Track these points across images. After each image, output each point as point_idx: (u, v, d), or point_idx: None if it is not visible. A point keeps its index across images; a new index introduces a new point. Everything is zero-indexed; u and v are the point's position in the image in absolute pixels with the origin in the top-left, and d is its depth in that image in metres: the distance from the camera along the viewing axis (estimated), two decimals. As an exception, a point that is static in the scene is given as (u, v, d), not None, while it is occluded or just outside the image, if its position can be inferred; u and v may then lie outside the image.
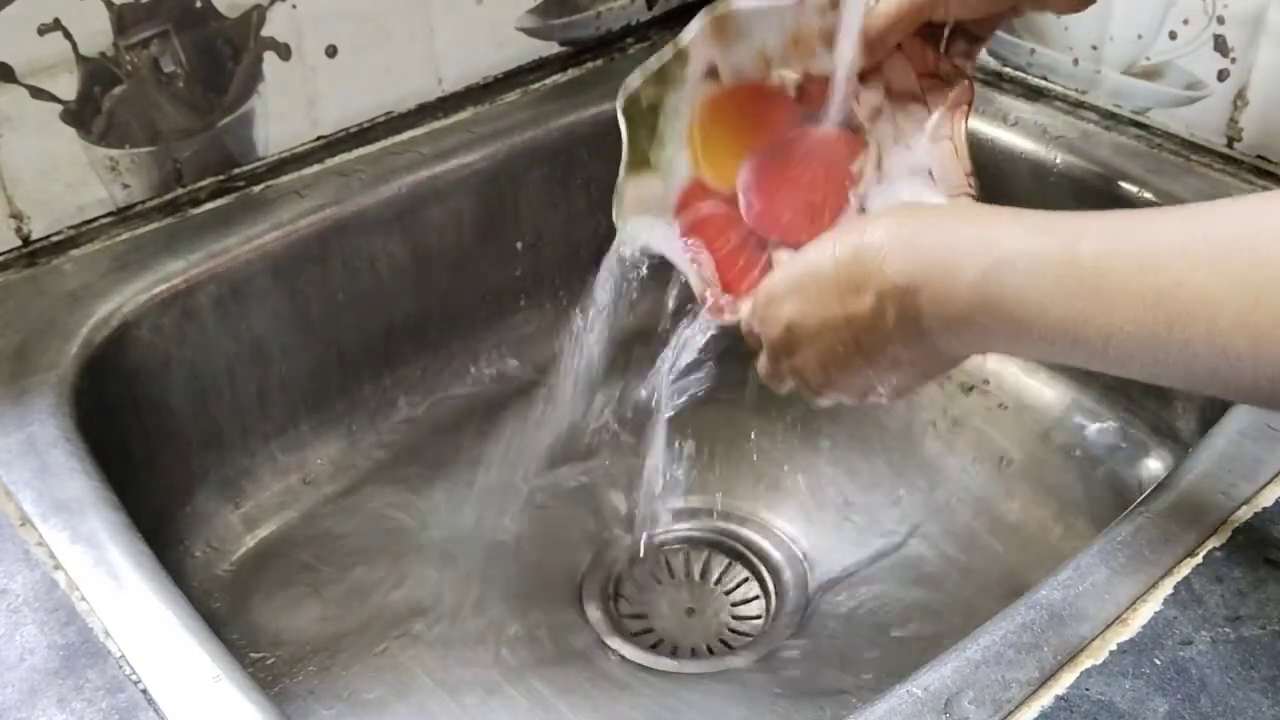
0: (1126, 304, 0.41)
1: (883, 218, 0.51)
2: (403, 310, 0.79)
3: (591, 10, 0.88)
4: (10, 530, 0.52)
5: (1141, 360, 0.42)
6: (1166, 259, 0.41)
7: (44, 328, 0.64)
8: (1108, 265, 0.42)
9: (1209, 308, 0.39)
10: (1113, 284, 0.42)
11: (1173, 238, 0.41)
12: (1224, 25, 0.72)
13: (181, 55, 0.70)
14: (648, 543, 0.76)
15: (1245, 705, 0.43)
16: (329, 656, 0.67)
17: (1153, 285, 0.40)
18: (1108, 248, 0.42)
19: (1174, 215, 0.42)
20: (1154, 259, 0.41)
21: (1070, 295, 0.43)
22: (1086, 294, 0.42)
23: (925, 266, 0.47)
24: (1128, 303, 0.41)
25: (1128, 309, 0.41)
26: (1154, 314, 0.40)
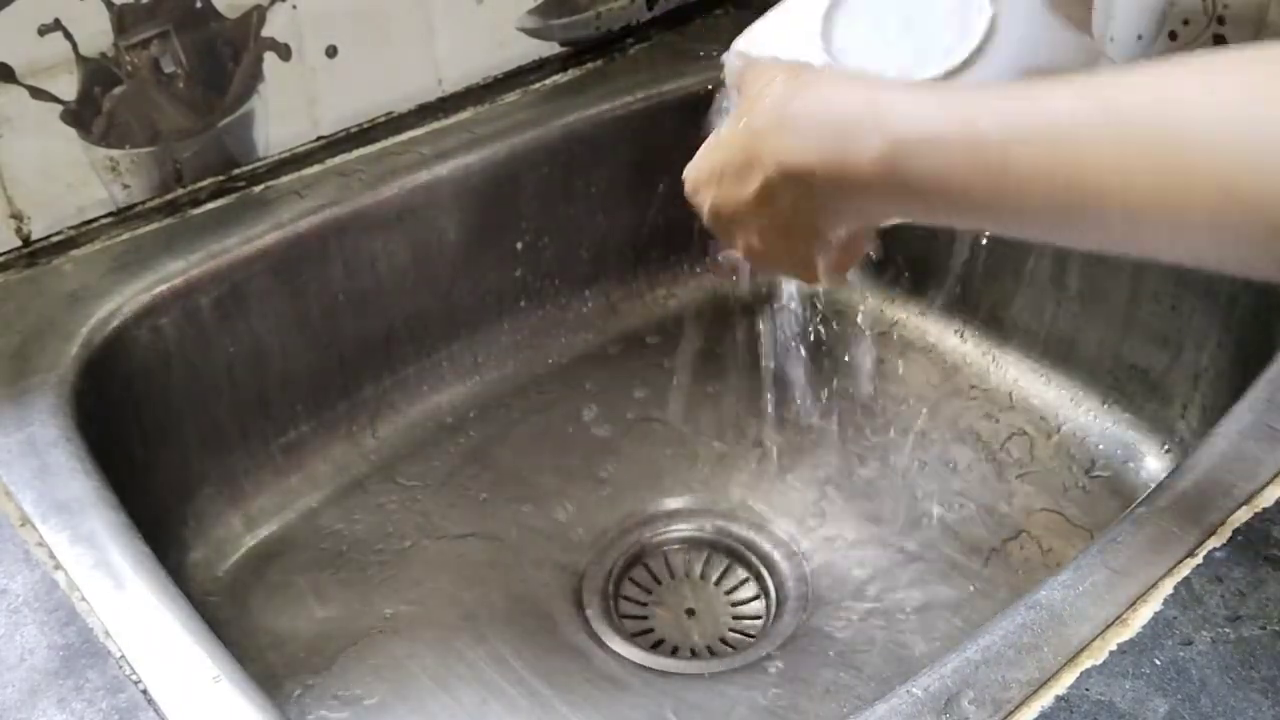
0: (1037, 183, 0.41)
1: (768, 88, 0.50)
2: (403, 310, 0.79)
3: (591, 10, 0.88)
4: (10, 530, 0.52)
5: (1056, 230, 0.42)
6: (1068, 137, 0.40)
7: (44, 328, 0.64)
8: (1014, 145, 0.41)
9: (1121, 184, 0.39)
10: (1021, 164, 0.41)
11: (1069, 112, 0.40)
12: (1224, 25, 0.72)
13: (182, 55, 0.70)
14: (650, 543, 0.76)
15: (1245, 705, 0.43)
16: (329, 656, 0.67)
17: (1060, 165, 0.40)
18: (1009, 126, 0.41)
19: (1069, 89, 0.41)
20: (1056, 138, 0.40)
21: (978, 175, 0.42)
22: (995, 173, 0.42)
23: (819, 148, 0.46)
24: (1038, 181, 0.41)
25: (1038, 187, 0.41)
26: (1066, 192, 0.40)
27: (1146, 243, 0.40)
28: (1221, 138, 0.37)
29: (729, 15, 0.94)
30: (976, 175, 0.42)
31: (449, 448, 0.80)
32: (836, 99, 0.47)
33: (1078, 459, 0.77)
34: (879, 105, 0.45)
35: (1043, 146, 0.40)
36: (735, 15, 0.94)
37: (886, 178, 0.44)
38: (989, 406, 0.81)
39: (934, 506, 0.76)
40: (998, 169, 0.41)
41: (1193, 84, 0.39)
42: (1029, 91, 0.42)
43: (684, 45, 0.90)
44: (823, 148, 0.46)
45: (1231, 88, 0.37)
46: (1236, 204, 0.36)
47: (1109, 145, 0.39)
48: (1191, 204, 0.37)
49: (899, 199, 0.45)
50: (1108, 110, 0.40)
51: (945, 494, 0.76)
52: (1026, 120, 0.41)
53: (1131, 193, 0.38)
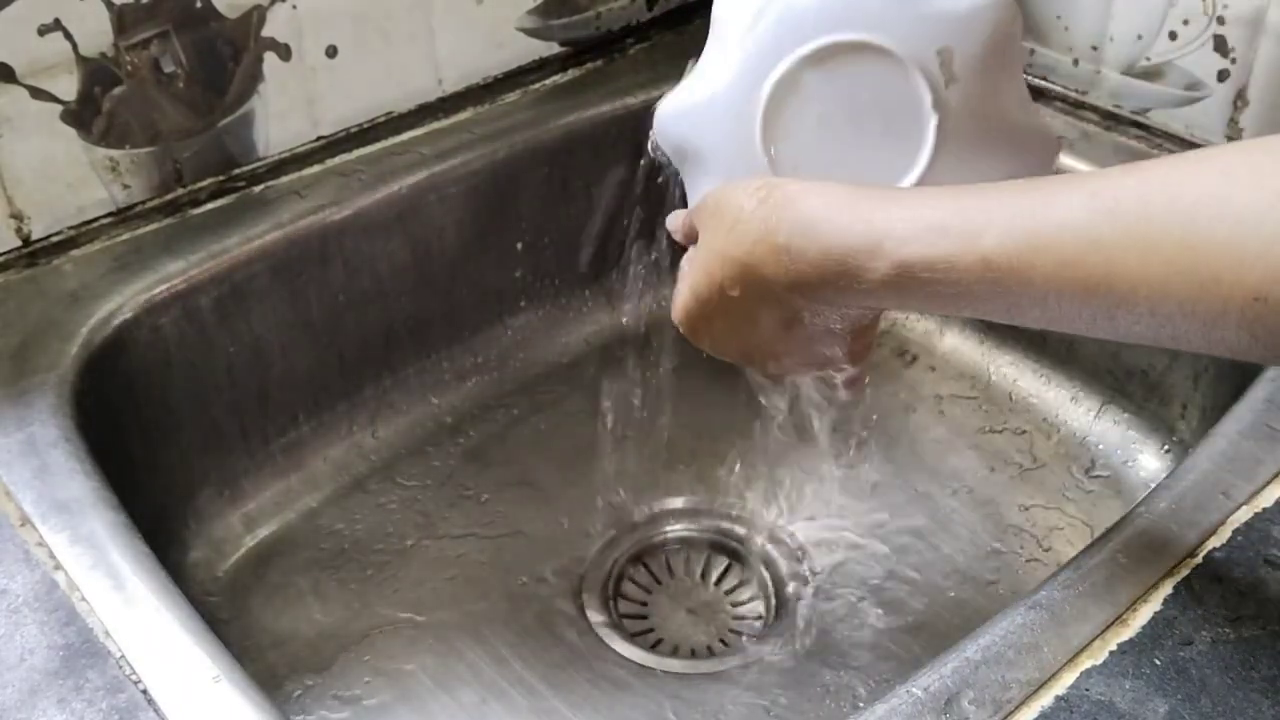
0: (1057, 297, 0.40)
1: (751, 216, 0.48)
2: (403, 310, 0.79)
3: (591, 10, 0.88)
4: (10, 530, 0.52)
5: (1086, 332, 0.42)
6: (1085, 249, 0.39)
7: (44, 328, 0.64)
8: (1025, 262, 0.40)
9: (1150, 296, 0.38)
10: (1037, 281, 0.40)
11: (1083, 220, 0.40)
12: (1224, 25, 0.72)
13: (182, 55, 0.70)
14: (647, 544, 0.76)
15: (1245, 705, 0.43)
16: (329, 656, 0.67)
17: (1080, 279, 0.39)
18: (1019, 244, 0.41)
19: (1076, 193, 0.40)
20: (1072, 251, 0.39)
21: (993, 293, 0.42)
22: (1009, 291, 0.41)
23: (822, 272, 0.45)
24: (1058, 295, 0.40)
25: (1059, 301, 0.40)
26: (1089, 302, 0.40)
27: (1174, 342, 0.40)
28: (1247, 246, 0.36)
29: (729, 15, 0.94)
30: (990, 289, 0.42)
31: (449, 448, 0.80)
32: (826, 223, 0.46)
33: (1078, 459, 0.77)
34: (875, 229, 0.44)
35: (1058, 258, 0.40)
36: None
37: (896, 293, 0.44)
38: (989, 406, 0.81)
39: (934, 506, 0.76)
40: (1014, 283, 0.41)
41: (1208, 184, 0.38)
42: (1034, 197, 0.42)
43: (684, 45, 0.90)
44: (826, 272, 0.45)
45: (1248, 189, 0.37)
46: (1270, 310, 0.36)
47: (1131, 255, 0.38)
48: (1223, 311, 0.37)
49: (911, 306, 0.46)
50: (1122, 215, 0.39)
51: (945, 494, 0.76)
52: (1039, 232, 0.40)
53: (1158, 302, 0.38)
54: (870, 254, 0.44)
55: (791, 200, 0.47)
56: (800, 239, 0.46)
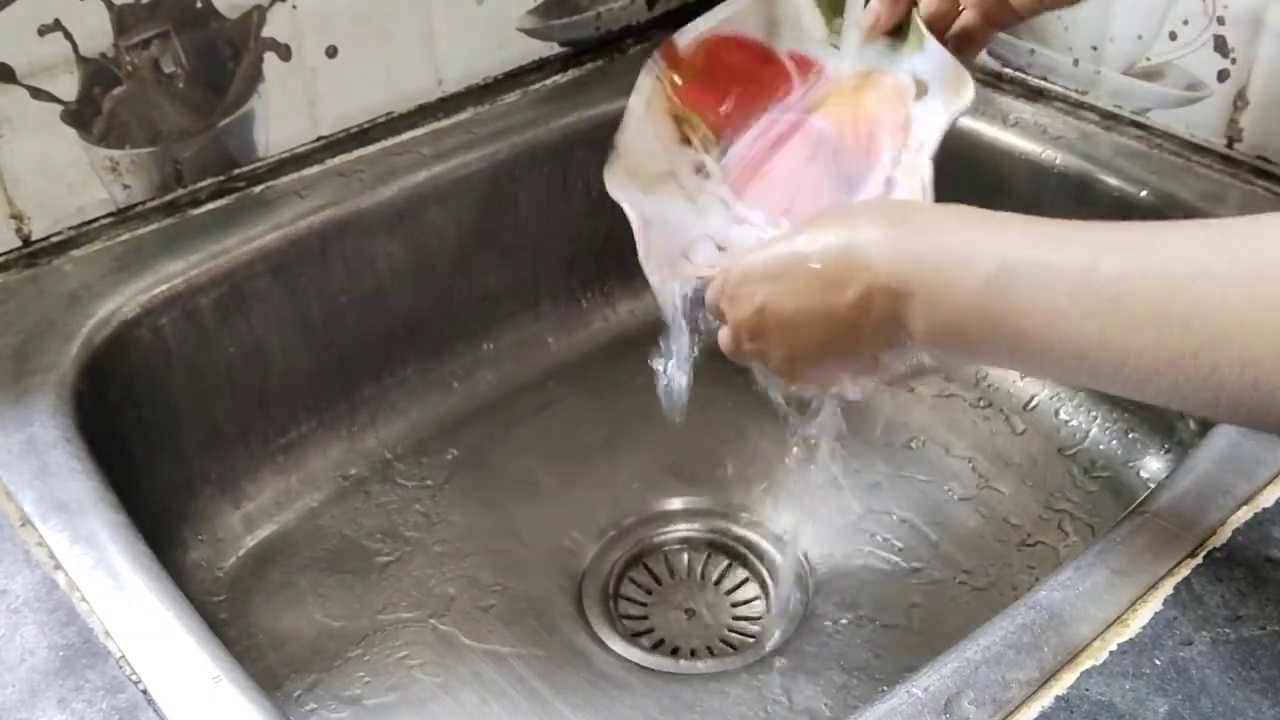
0: (1149, 325, 0.39)
1: (878, 212, 0.49)
2: (403, 311, 0.79)
3: (591, 11, 0.88)
4: (10, 531, 0.52)
5: (1158, 385, 0.40)
6: (1193, 279, 0.38)
7: (44, 328, 0.64)
8: (1130, 283, 0.39)
9: (1243, 334, 0.37)
10: (1135, 304, 0.39)
11: (1197, 255, 0.39)
12: (1224, 25, 0.72)
13: (182, 56, 0.70)
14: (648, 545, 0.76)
15: (1245, 705, 0.43)
16: (329, 656, 0.67)
17: (1180, 306, 0.38)
18: (1129, 264, 0.40)
19: (1193, 232, 0.40)
20: (1180, 278, 0.38)
21: (1085, 312, 0.40)
22: (1104, 312, 0.40)
23: (921, 269, 0.45)
24: (1151, 324, 0.39)
25: (1151, 331, 0.39)
26: (1180, 337, 0.38)
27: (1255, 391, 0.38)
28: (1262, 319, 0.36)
29: (729, 15, 0.94)
30: (1084, 306, 0.40)
31: (449, 448, 0.80)
32: (946, 220, 0.46)
33: (1078, 459, 0.77)
34: (992, 228, 0.44)
35: (1161, 285, 0.39)
36: (735, 15, 0.94)
37: (987, 306, 0.43)
38: (989, 406, 0.81)
39: (934, 506, 0.76)
40: (1110, 301, 0.40)
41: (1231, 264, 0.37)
42: (1154, 229, 0.41)
43: (684, 45, 0.90)
44: (927, 264, 0.45)
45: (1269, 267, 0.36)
46: None
47: (1234, 294, 0.37)
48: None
49: (994, 330, 0.43)
50: (1236, 255, 0.38)
51: (945, 494, 0.76)
52: (1146, 258, 0.40)
53: (1251, 341, 0.37)
54: (979, 247, 0.43)
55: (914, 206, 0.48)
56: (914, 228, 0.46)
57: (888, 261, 0.45)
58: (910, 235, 0.46)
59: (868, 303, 0.46)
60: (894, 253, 0.45)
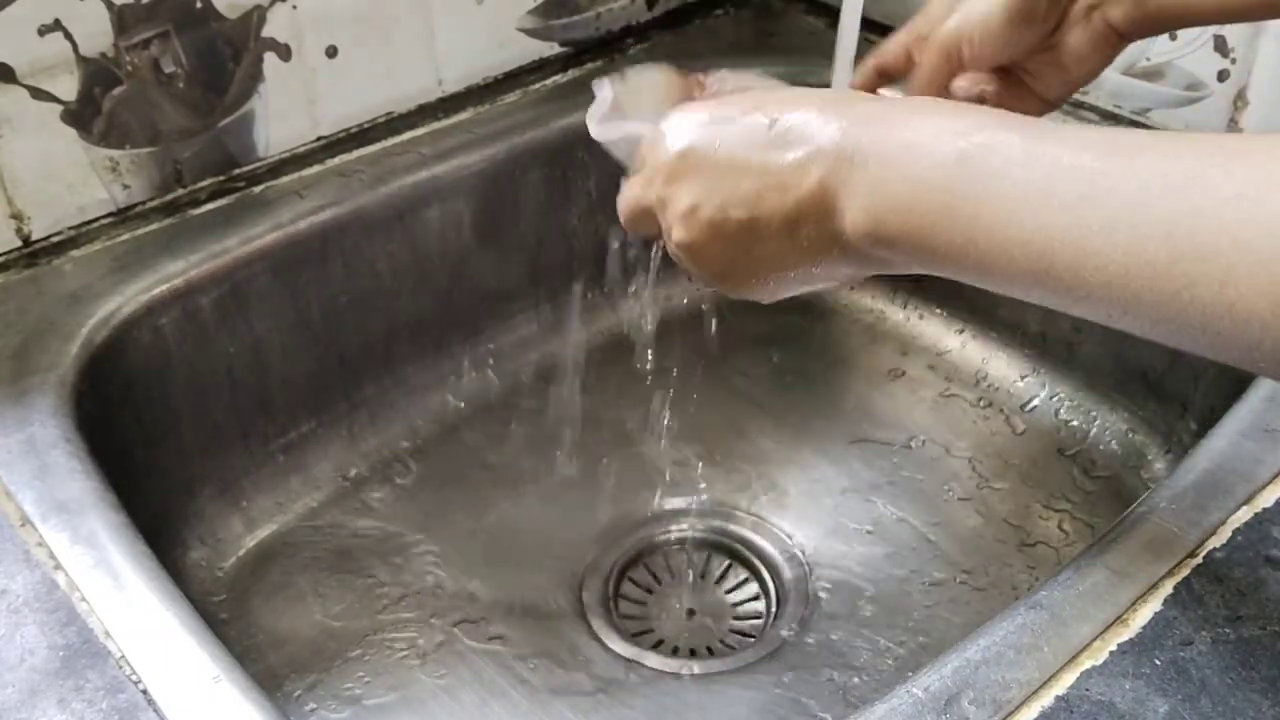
0: (1127, 227, 0.35)
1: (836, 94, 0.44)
2: (403, 311, 0.79)
3: (591, 11, 0.88)
4: (10, 531, 0.52)
5: (1120, 297, 0.36)
6: (1183, 186, 0.34)
7: (44, 328, 0.64)
8: (1114, 178, 0.35)
9: (1231, 252, 0.33)
10: (1116, 201, 0.35)
11: (1190, 163, 0.35)
12: (1224, 26, 0.72)
13: (182, 56, 0.70)
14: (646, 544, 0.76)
15: (1245, 706, 0.43)
16: (329, 656, 0.67)
17: (1165, 211, 0.34)
18: (1116, 160, 0.36)
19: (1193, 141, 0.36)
20: (1171, 182, 0.35)
21: (1059, 203, 0.36)
22: (1080, 206, 0.36)
23: (884, 137, 0.40)
24: (1129, 226, 0.35)
25: (1127, 233, 0.35)
26: (1159, 244, 0.34)
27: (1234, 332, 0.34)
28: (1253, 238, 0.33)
29: (729, 15, 0.94)
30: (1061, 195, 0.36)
31: (449, 448, 0.80)
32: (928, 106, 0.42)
33: (1078, 459, 0.77)
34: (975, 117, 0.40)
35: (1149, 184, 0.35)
36: (735, 15, 0.94)
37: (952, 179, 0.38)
38: (989, 407, 0.81)
39: (933, 506, 0.76)
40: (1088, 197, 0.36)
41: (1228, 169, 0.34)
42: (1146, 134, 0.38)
43: (684, 45, 0.90)
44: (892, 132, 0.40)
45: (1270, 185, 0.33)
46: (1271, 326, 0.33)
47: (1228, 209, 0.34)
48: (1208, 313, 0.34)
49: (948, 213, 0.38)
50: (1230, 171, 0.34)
51: (945, 494, 0.76)
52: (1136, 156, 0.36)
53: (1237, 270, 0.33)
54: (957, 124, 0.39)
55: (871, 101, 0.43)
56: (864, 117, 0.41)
57: (850, 124, 0.41)
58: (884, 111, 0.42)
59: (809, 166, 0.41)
60: (860, 120, 0.41)
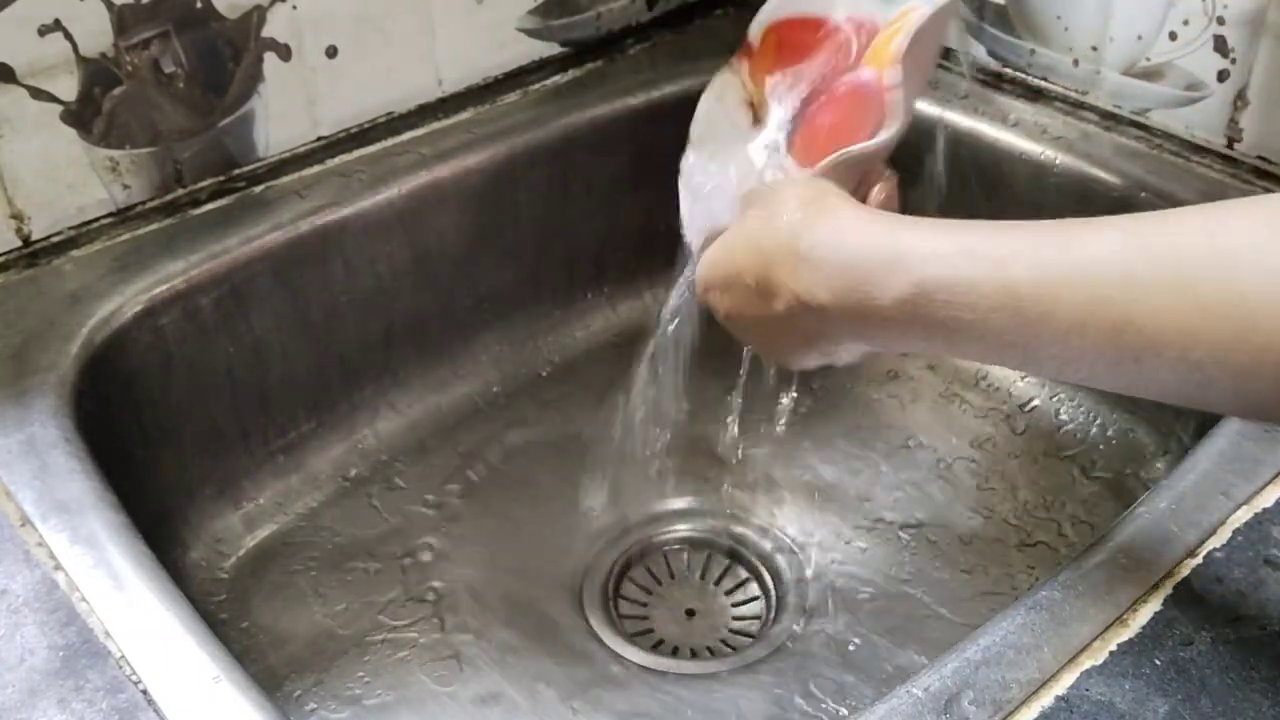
0: (1078, 336, 0.39)
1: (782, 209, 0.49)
2: (403, 311, 0.79)
3: (592, 11, 0.88)
4: (10, 531, 0.52)
5: (1106, 383, 0.40)
6: (1116, 288, 0.37)
7: (44, 328, 0.64)
8: (1052, 295, 0.39)
9: (1180, 340, 0.36)
10: (1061, 317, 0.39)
11: (1116, 260, 0.38)
12: (1224, 26, 0.72)
13: (182, 56, 0.70)
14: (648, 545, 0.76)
15: (1245, 706, 0.43)
16: (329, 657, 0.67)
17: (1108, 318, 0.38)
18: (1045, 276, 0.39)
19: (1112, 233, 0.39)
20: (1102, 287, 0.38)
21: (1013, 326, 0.40)
22: (1031, 325, 0.40)
23: (837, 287, 0.45)
24: (1080, 335, 0.38)
25: (1083, 341, 0.38)
26: (1115, 346, 0.38)
27: (1202, 392, 0.37)
28: None
29: (729, 15, 0.94)
30: (1010, 321, 0.40)
31: (449, 448, 0.80)
32: (853, 235, 0.46)
33: (1078, 459, 0.77)
34: (900, 245, 0.44)
35: (1088, 293, 0.38)
36: (735, 15, 0.94)
37: (909, 318, 0.43)
38: (988, 408, 0.81)
39: (933, 506, 0.76)
40: (1035, 317, 0.39)
41: (1250, 232, 0.36)
42: (1067, 232, 0.40)
43: (684, 45, 0.90)
44: (840, 286, 0.45)
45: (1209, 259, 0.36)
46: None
47: (1164, 295, 0.36)
48: (1258, 362, 0.35)
49: (921, 337, 0.44)
50: (1157, 254, 0.37)
51: (945, 494, 0.76)
52: (1069, 265, 0.39)
53: (1189, 347, 0.36)
54: (890, 269, 0.43)
55: (832, 208, 0.47)
56: (821, 246, 0.46)
57: (804, 283, 0.47)
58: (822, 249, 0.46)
59: (794, 316, 0.48)
60: (808, 273, 0.47)
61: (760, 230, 0.50)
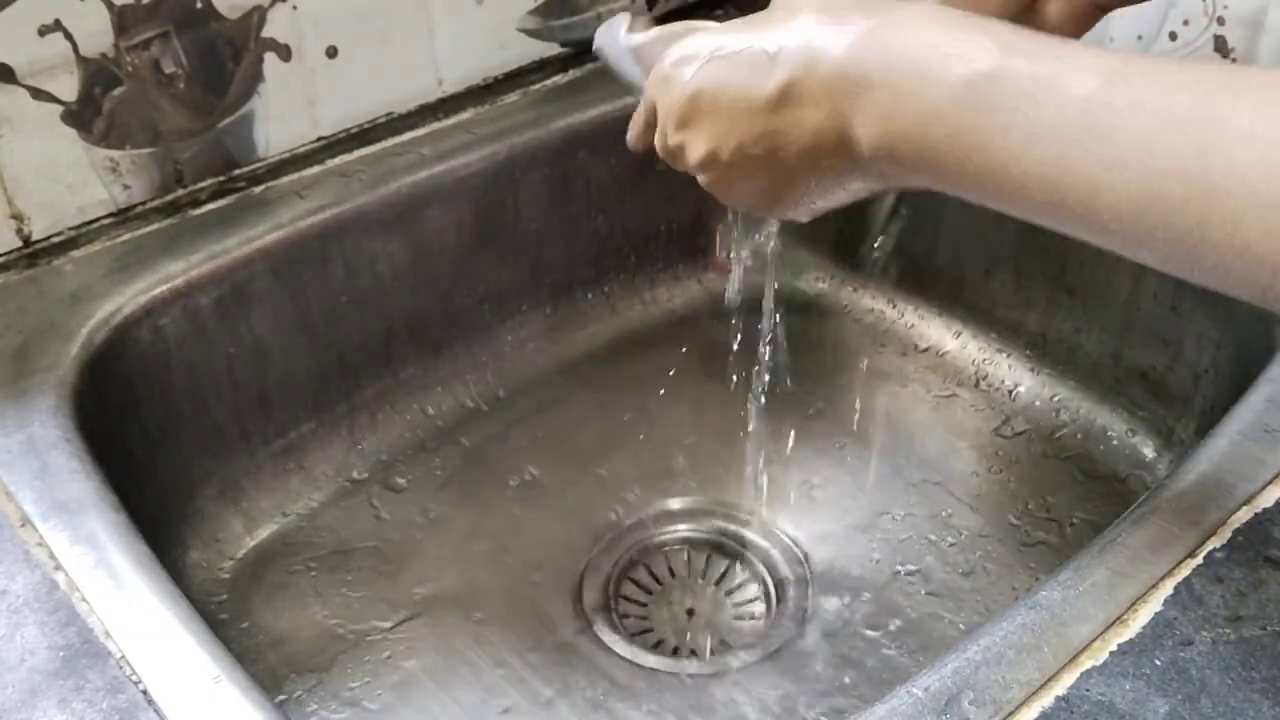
0: (1138, 163, 0.35)
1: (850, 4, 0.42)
2: (403, 311, 0.79)
3: (592, 11, 0.88)
4: (11, 531, 0.52)
5: (1131, 230, 0.36)
6: (1199, 123, 0.34)
7: (44, 328, 0.64)
8: (1127, 112, 0.35)
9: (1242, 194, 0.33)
10: (1128, 136, 0.35)
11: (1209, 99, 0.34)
12: (1224, 26, 0.72)
13: (182, 56, 0.70)
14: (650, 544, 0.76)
15: (1245, 706, 0.43)
16: (329, 657, 0.67)
17: (1181, 148, 0.34)
18: (1130, 91, 0.35)
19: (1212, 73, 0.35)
20: (1183, 118, 0.34)
21: (1069, 136, 0.36)
22: (1091, 139, 0.35)
23: (890, 61, 0.39)
24: (1140, 162, 0.34)
25: (1138, 170, 0.35)
26: (1170, 182, 0.34)
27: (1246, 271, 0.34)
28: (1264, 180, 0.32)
29: (729, 16, 0.94)
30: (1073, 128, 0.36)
31: (449, 448, 0.80)
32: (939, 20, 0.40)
33: (1078, 459, 0.77)
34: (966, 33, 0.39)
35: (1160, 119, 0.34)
36: (735, 15, 0.94)
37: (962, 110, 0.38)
38: (989, 406, 0.81)
39: (933, 506, 0.76)
40: (1102, 130, 0.35)
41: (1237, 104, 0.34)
42: (1163, 64, 0.36)
43: (684, 45, 0.90)
44: (899, 58, 0.39)
45: None
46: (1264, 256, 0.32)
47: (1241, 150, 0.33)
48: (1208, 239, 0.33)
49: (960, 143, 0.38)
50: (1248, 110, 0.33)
51: (945, 494, 0.76)
52: (1156, 90, 0.35)
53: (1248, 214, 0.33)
54: (958, 49, 0.38)
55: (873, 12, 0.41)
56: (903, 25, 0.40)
57: (851, 47, 0.40)
58: (885, 25, 0.40)
59: (797, 95, 0.41)
60: (861, 39, 0.40)
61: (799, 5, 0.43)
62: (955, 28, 0.40)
